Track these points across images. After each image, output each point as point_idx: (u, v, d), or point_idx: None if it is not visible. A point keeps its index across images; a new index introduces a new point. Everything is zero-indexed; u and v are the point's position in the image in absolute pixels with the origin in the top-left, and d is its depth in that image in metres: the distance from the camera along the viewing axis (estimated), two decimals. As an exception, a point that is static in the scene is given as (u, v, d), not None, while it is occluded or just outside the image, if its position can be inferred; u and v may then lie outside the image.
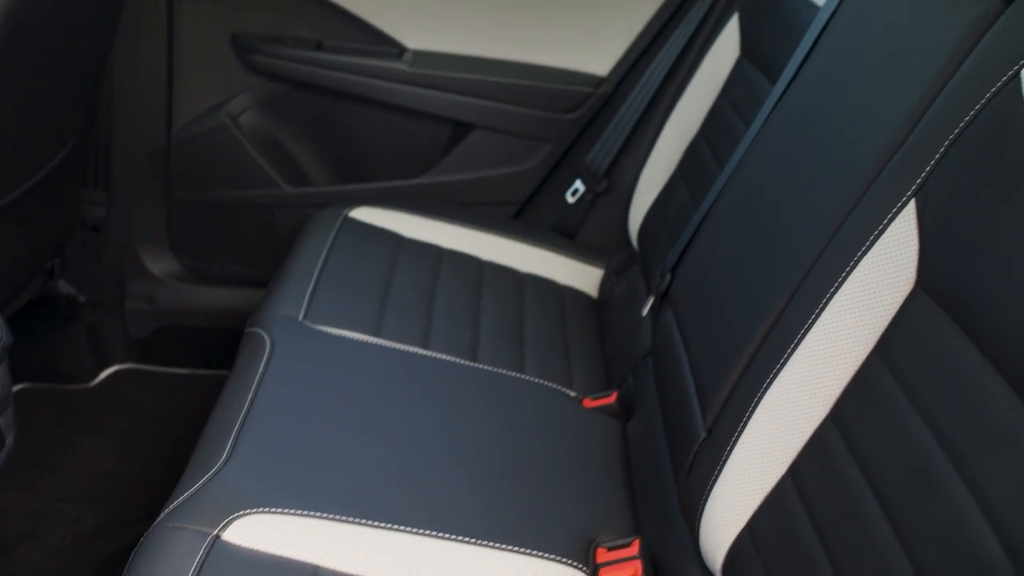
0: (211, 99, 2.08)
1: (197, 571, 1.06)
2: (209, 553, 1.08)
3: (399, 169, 2.15)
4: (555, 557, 1.19)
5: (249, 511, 1.14)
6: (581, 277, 1.93)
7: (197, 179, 2.13)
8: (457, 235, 1.90)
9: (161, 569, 1.07)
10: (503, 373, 1.55)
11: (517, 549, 1.19)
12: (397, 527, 1.18)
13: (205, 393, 1.60)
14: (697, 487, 1.13)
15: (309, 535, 1.14)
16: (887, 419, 0.90)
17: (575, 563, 1.20)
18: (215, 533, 1.11)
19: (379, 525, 1.17)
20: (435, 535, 1.18)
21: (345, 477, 1.24)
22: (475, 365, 1.55)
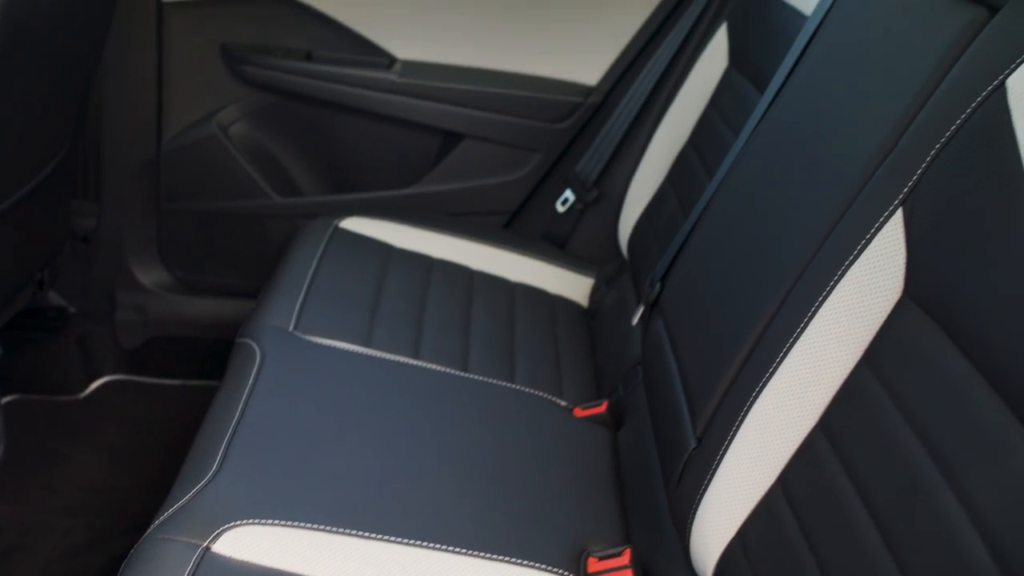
0: (201, 110, 2.08)
1: (187, 583, 1.06)
2: (199, 565, 1.08)
3: (389, 179, 2.15)
4: (546, 567, 1.19)
5: (239, 522, 1.14)
6: (571, 286, 1.93)
7: (187, 190, 2.12)
8: (447, 245, 1.90)
9: (151, 581, 1.06)
10: (493, 383, 1.55)
11: (508, 559, 1.19)
12: (387, 538, 1.17)
13: (195, 404, 1.60)
14: (687, 496, 1.13)
15: (299, 546, 1.13)
16: (875, 427, 0.90)
17: (566, 572, 1.20)
18: (205, 545, 1.10)
19: (369, 536, 1.17)
20: (426, 545, 1.18)
21: (336, 488, 1.24)
22: (465, 375, 1.55)
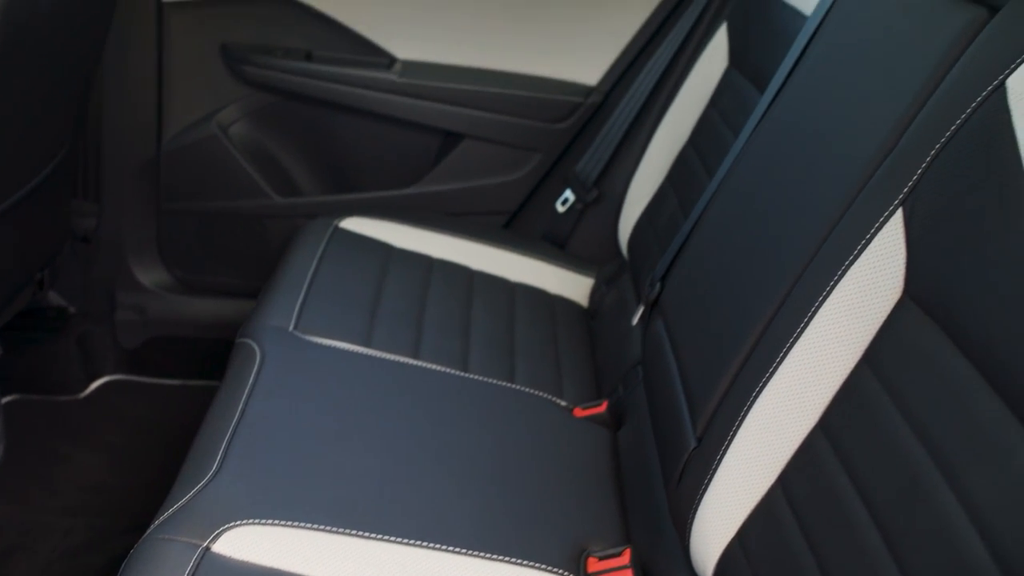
0: (201, 110, 2.08)
1: (187, 583, 1.06)
2: (199, 565, 1.08)
3: (389, 179, 2.15)
4: (546, 567, 1.19)
5: (239, 522, 1.14)
6: (571, 286, 1.93)
7: (187, 190, 2.12)
8: (447, 245, 1.90)
9: (151, 581, 1.07)
10: (493, 383, 1.55)
11: (508, 559, 1.19)
12: (387, 538, 1.17)
13: (195, 404, 1.60)
14: (687, 496, 1.13)
15: (299, 546, 1.13)
16: (875, 427, 0.90)
17: (566, 572, 1.19)
18: (205, 545, 1.10)
19: (369, 536, 1.17)
20: (426, 545, 1.18)
21: (335, 488, 1.24)
22: (465, 375, 1.55)
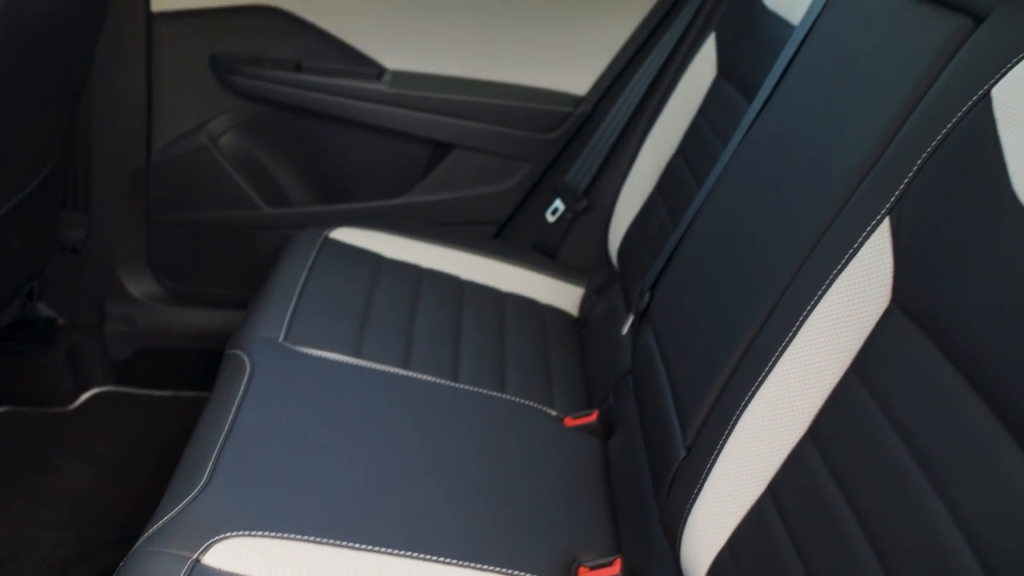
0: (190, 120, 2.08)
1: (177, 595, 1.06)
2: (189, 577, 1.08)
3: (379, 189, 2.15)
4: (536, 577, 1.19)
5: (229, 534, 1.14)
6: (562, 296, 1.93)
7: (177, 200, 2.12)
8: (437, 255, 1.90)
9: (140, 594, 1.06)
10: (484, 393, 1.55)
11: (498, 569, 1.19)
12: (377, 549, 1.17)
13: (185, 415, 1.60)
14: (677, 505, 1.13)
15: (289, 558, 1.13)
16: (864, 436, 0.90)
17: (557, 583, 1.20)
18: (195, 557, 1.10)
19: (359, 547, 1.17)
20: (416, 556, 1.18)
21: (325, 499, 1.23)
22: (456, 385, 1.55)
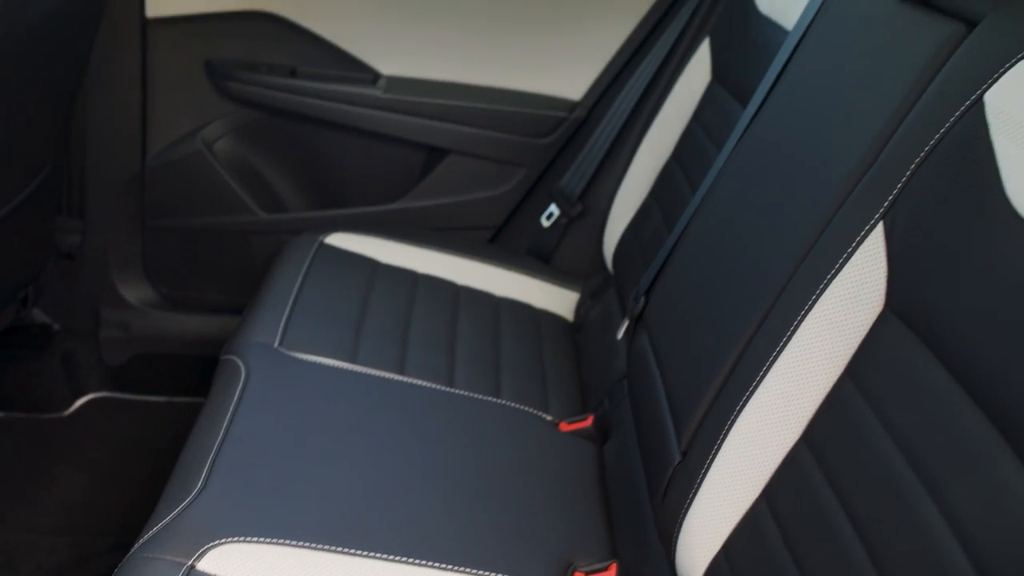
0: (185, 126, 2.08)
1: (171, 602, 1.06)
2: (183, 584, 1.08)
3: (374, 195, 2.15)
4: (532, 582, 1.19)
5: (224, 540, 1.13)
6: (557, 301, 1.93)
7: (172, 206, 2.12)
8: (433, 260, 1.90)
9: (135, 600, 1.06)
10: (479, 398, 1.55)
11: (494, 574, 1.19)
12: (373, 554, 1.17)
13: (180, 421, 1.60)
14: (672, 510, 1.13)
15: (284, 563, 1.13)
16: (859, 440, 0.90)
17: (552, 588, 1.20)
18: (190, 563, 1.10)
19: (355, 553, 1.17)
20: (411, 562, 1.17)
21: (320, 505, 1.23)
22: (451, 390, 1.55)
